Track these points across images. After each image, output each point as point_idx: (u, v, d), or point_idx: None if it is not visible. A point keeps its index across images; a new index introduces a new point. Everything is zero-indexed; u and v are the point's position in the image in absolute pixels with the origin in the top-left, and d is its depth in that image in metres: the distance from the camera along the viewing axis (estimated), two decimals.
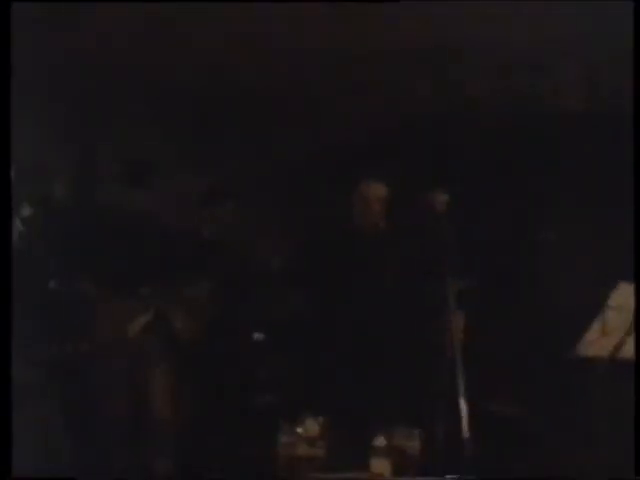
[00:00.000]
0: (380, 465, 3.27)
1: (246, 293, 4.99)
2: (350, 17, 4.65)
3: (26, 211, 4.78)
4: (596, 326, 3.70)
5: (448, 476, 3.28)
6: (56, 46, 4.99)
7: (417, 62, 5.18)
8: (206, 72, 5.34)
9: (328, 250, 3.79)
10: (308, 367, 3.74)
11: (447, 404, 3.50)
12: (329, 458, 3.26)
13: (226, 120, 5.78)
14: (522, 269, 4.94)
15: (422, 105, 5.55)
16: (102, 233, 4.63)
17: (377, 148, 5.46)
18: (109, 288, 4.55)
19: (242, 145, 5.89)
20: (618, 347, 3.70)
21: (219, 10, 4.54)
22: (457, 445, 3.37)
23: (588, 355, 3.78)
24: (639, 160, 3.91)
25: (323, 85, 5.42)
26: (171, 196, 5.24)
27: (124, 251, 4.58)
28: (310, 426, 3.23)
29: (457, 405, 3.42)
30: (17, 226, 4.70)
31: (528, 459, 4.17)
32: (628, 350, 3.71)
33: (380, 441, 3.28)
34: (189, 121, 5.88)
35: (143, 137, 5.72)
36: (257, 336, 5.05)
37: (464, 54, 5.06)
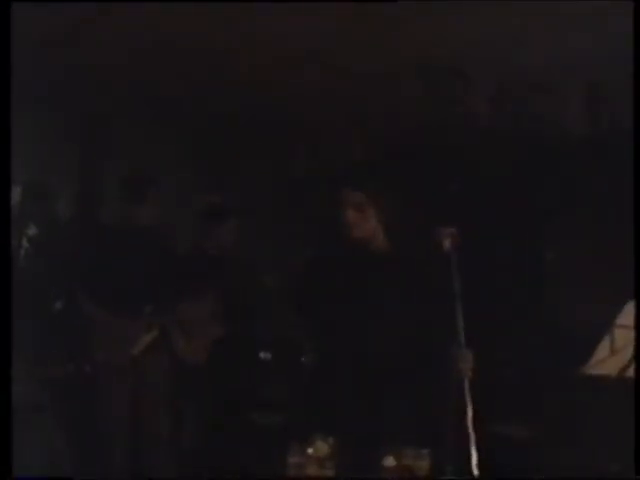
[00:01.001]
0: None
1: (250, 311, 4.98)
2: (350, 33, 4.66)
3: (31, 230, 4.79)
4: (605, 345, 3.70)
5: None
6: (57, 62, 4.99)
7: (417, 81, 5.19)
8: (207, 88, 5.35)
9: (332, 266, 3.75)
10: (315, 387, 3.71)
11: (455, 424, 3.49)
12: (339, 479, 3.23)
13: (227, 137, 5.80)
14: (528, 289, 4.92)
15: (421, 122, 5.56)
16: (105, 251, 4.62)
17: (377, 164, 5.46)
18: (112, 307, 4.54)
19: (243, 161, 5.91)
20: (627, 366, 3.69)
21: (219, 25, 4.55)
22: (465, 465, 3.36)
23: (597, 374, 3.77)
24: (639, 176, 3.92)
25: (323, 101, 5.43)
26: (173, 213, 5.24)
27: (127, 269, 4.57)
28: (320, 447, 3.20)
29: (465, 425, 3.42)
30: (23, 245, 4.70)
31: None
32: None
33: (389, 461, 3.25)
34: (191, 137, 5.90)
35: (145, 153, 5.73)
36: (264, 355, 5.05)
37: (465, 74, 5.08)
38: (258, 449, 4.55)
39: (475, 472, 3.36)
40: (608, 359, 3.70)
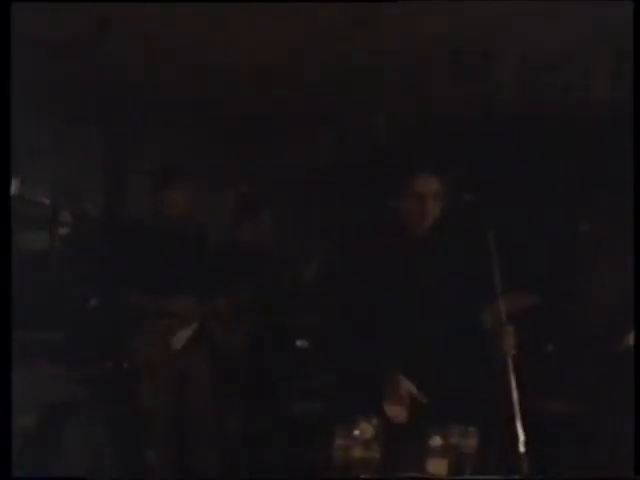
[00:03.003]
0: (437, 465, 3.23)
1: (288, 301, 4.97)
2: (379, 17, 4.62)
3: (62, 230, 4.80)
4: None
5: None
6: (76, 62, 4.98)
7: (443, 57, 5.13)
8: (235, 81, 5.32)
9: (371, 252, 3.74)
10: (357, 369, 3.69)
11: (500, 402, 3.46)
12: (385, 460, 3.21)
13: (258, 127, 5.77)
14: (566, 265, 4.87)
15: (451, 101, 5.51)
16: (140, 247, 4.58)
17: (408, 150, 5.44)
18: (150, 302, 4.52)
19: (275, 151, 5.89)
20: None
21: (239, 19, 4.53)
22: (512, 443, 3.32)
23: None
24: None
25: (354, 87, 5.39)
26: (206, 205, 5.21)
27: (163, 264, 4.54)
28: (365, 428, 3.18)
29: (510, 403, 3.38)
30: (55, 246, 4.72)
31: (582, 457, 4.10)
32: None
33: (436, 441, 3.22)
34: (222, 130, 5.88)
35: (176, 147, 5.72)
36: (300, 343, 5.03)
37: (493, 48, 5.02)
38: (300, 434, 4.55)
39: (522, 449, 3.32)
40: None
